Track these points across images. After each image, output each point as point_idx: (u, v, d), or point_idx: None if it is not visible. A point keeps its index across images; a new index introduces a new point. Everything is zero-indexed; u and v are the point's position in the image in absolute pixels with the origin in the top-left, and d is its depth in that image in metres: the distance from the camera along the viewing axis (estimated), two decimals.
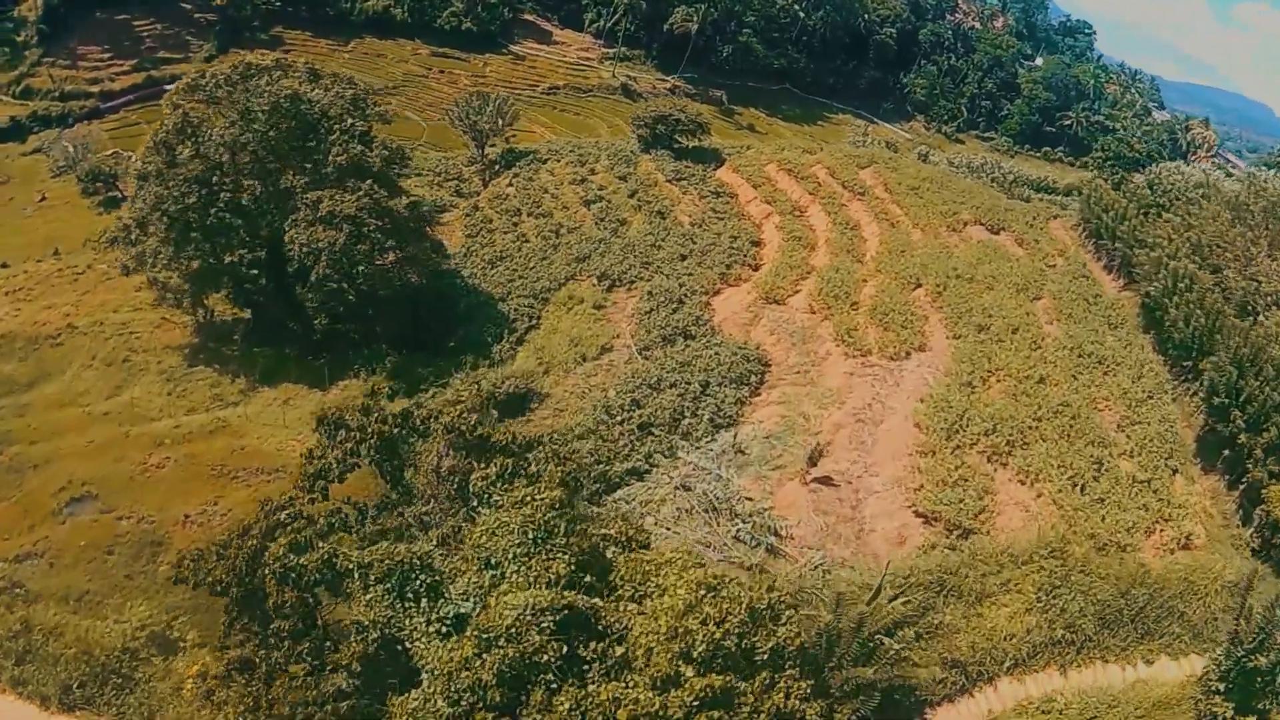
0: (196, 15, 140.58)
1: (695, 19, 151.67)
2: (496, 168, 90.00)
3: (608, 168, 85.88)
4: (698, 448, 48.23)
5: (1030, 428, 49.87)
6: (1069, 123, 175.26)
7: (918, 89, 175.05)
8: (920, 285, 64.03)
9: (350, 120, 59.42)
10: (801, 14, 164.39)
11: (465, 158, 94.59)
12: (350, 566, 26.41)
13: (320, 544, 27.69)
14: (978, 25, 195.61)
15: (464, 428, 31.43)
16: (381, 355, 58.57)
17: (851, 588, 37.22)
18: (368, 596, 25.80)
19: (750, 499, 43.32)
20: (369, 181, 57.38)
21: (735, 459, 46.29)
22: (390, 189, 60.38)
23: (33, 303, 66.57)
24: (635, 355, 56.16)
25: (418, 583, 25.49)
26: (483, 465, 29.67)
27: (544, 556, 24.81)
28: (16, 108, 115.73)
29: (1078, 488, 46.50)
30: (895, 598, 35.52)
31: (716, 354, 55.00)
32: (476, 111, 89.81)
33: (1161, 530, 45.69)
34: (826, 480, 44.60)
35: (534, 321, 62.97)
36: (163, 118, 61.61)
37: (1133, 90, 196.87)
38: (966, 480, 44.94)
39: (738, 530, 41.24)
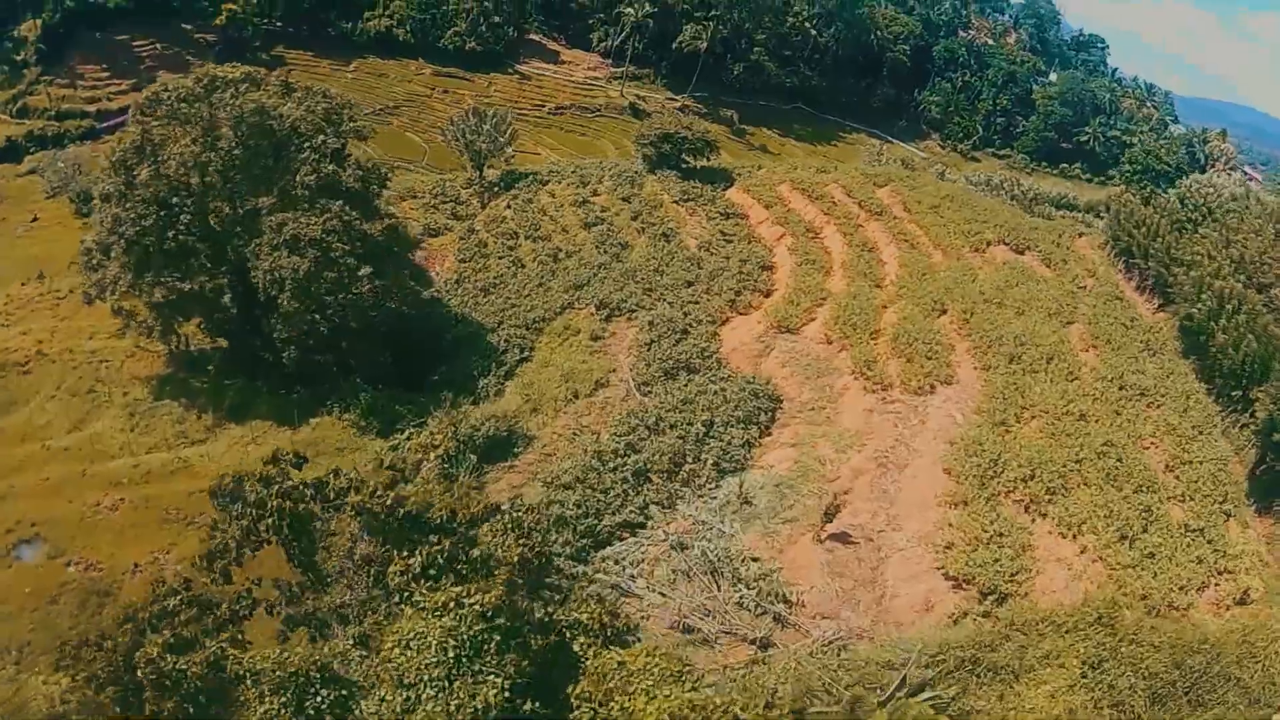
0: (197, 35, 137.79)
1: (704, 37, 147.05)
2: (495, 189, 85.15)
3: (611, 189, 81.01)
4: (700, 496, 43.07)
5: (1071, 472, 44.61)
6: (1086, 138, 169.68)
7: (932, 106, 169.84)
8: (944, 311, 58.96)
9: (322, 137, 54.51)
10: (814, 31, 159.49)
11: (463, 179, 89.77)
12: (241, 672, 21.10)
13: (208, 641, 22.33)
14: (990, 41, 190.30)
15: (378, 509, 25.88)
16: (356, 390, 53.48)
17: (871, 666, 32.02)
18: (261, 710, 20.53)
19: (756, 559, 38.02)
20: (339, 203, 52.34)
21: (741, 511, 41.04)
22: (366, 211, 55.39)
23: (9, 328, 63.02)
24: (633, 391, 51.00)
25: (319, 698, 20.30)
26: (405, 554, 24.14)
27: (470, 680, 19.57)
28: (13, 127, 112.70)
29: (1125, 540, 41.29)
30: (921, 688, 30.13)
31: (723, 390, 49.90)
32: (473, 130, 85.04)
33: (1217, 585, 40.84)
34: (844, 537, 39.25)
35: (526, 354, 57.89)
36: (121, 134, 57.07)
37: (1149, 104, 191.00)
38: (1003, 536, 39.64)
39: (741, 596, 35.93)
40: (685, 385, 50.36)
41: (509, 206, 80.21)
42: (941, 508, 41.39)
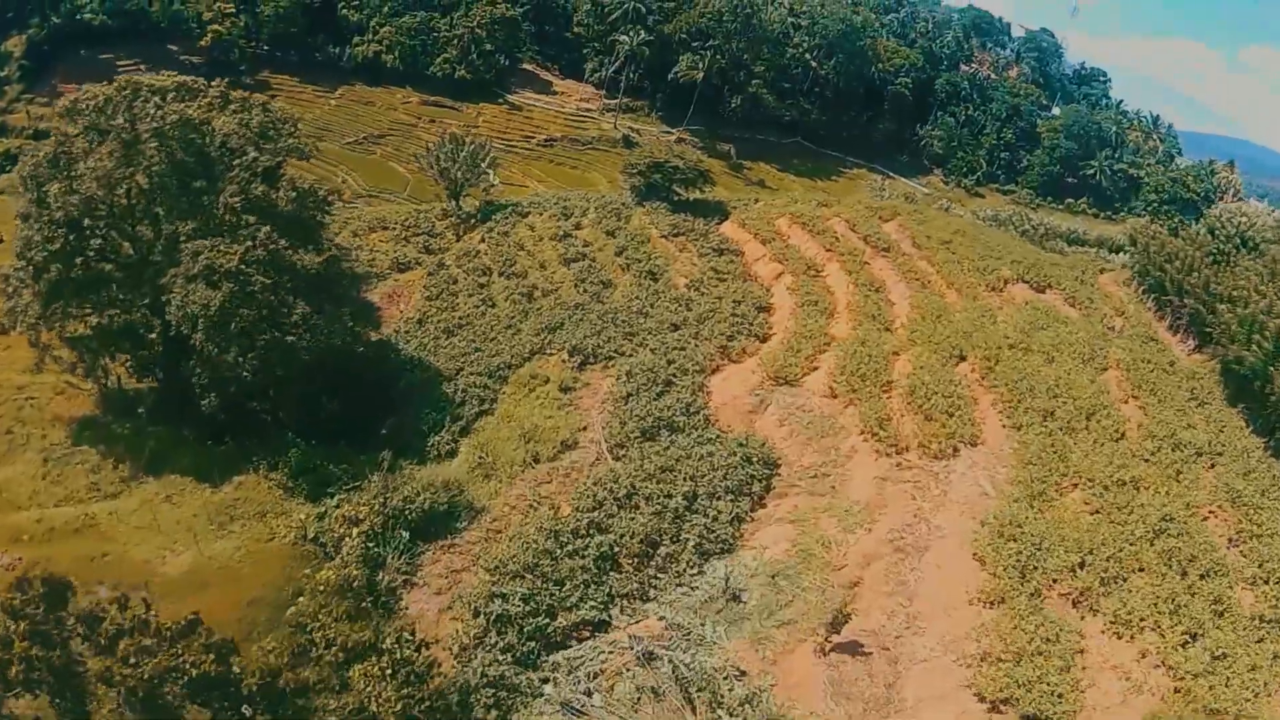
0: (183, 57, 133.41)
1: (701, 67, 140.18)
2: (472, 221, 77.87)
3: (595, 221, 73.71)
4: (678, 584, 35.28)
5: (1126, 555, 36.75)
6: (1092, 172, 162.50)
7: (935, 141, 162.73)
8: (964, 358, 51.36)
9: (253, 154, 47.07)
10: (814, 63, 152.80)
11: (438, 210, 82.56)
12: None
13: None
14: (993, 75, 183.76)
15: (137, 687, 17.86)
16: (286, 445, 45.83)
17: None
18: None
19: (743, 674, 30.14)
20: (266, 229, 44.70)
21: (726, 609, 33.19)
22: (305, 240, 47.91)
23: None
24: (604, 455, 43.28)
25: None
26: None
27: None
28: None
29: (1191, 639, 33.52)
30: None
31: (710, 453, 42.22)
32: (449, 157, 77.87)
33: None
34: (853, 647, 31.37)
35: (486, 406, 50.26)
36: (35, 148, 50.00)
37: (1155, 136, 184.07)
38: (1049, 643, 31.76)
39: None
40: (666, 448, 42.66)
41: (483, 240, 72.94)
42: (973, 606, 33.59)
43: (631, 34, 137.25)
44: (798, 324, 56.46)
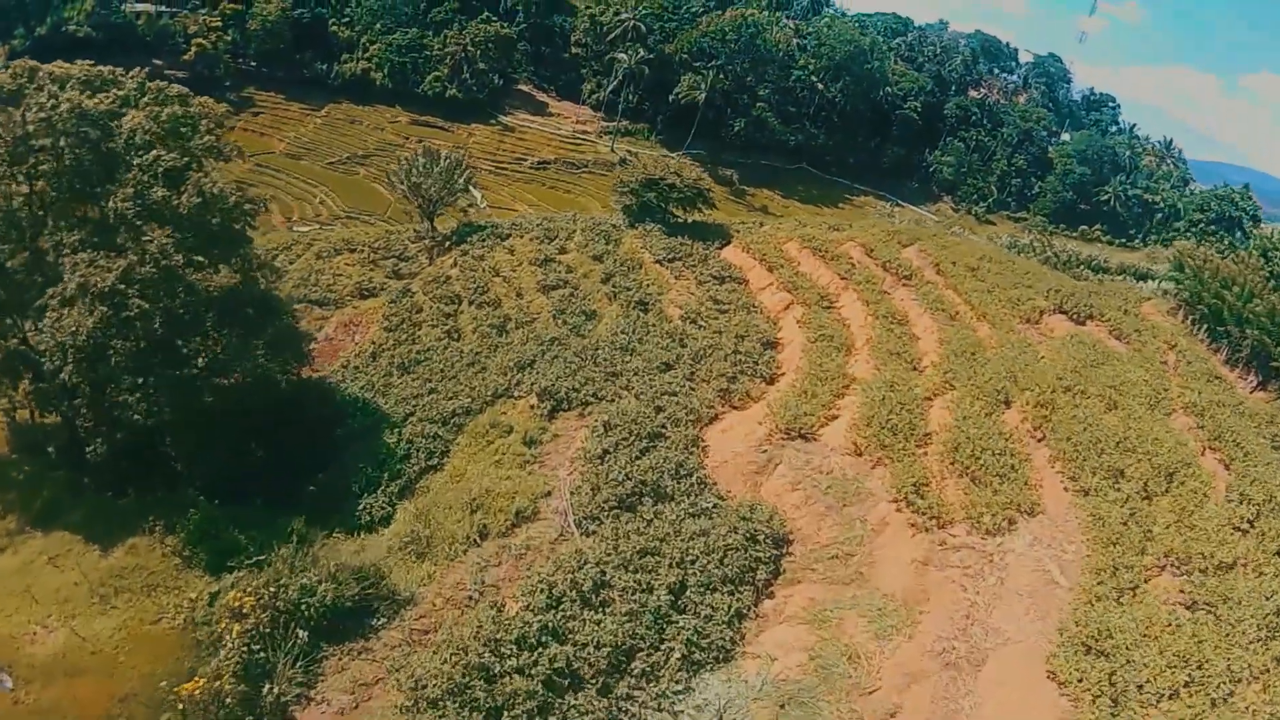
0: (168, 71, 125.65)
1: (703, 87, 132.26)
2: (447, 244, 69.26)
3: (581, 245, 65.01)
4: (658, 708, 26.29)
5: (1238, 665, 27.66)
6: (1106, 198, 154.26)
7: (944, 167, 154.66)
8: (1008, 403, 42.45)
9: (157, 152, 38.37)
10: (820, 85, 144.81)
11: (411, 231, 74.05)
12: None
13: None
14: (1002, 100, 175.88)
15: None
16: (188, 502, 37.03)
17: None
18: None
19: None
20: (159, 241, 35.81)
21: None
22: (222, 254, 39.25)
23: None
24: (570, 530, 34.21)
25: None
26: None
27: None
28: None
29: None
30: None
31: (704, 530, 33.16)
32: (421, 172, 69.39)
33: None
34: None
35: (436, 460, 41.33)
36: None
37: (1168, 161, 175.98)
38: None
39: None
40: (649, 523, 33.53)
41: (455, 264, 64.26)
42: None
43: (630, 52, 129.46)
44: (811, 363, 47.63)
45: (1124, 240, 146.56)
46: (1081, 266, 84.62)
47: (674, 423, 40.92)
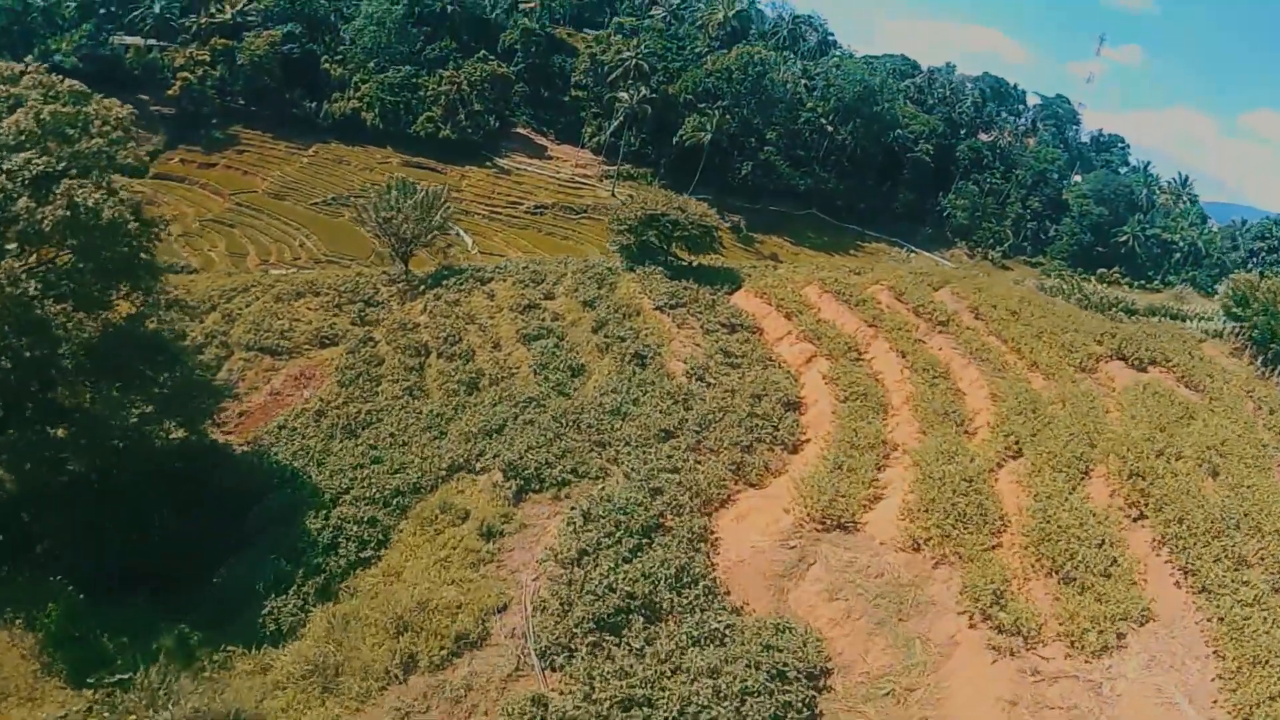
0: (154, 107, 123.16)
1: (709, 129, 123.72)
2: (421, 288, 60.11)
3: (571, 289, 55.84)
4: None
5: None
6: (1124, 239, 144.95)
7: (958, 211, 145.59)
8: (1088, 472, 32.98)
9: (28, 154, 29.12)
10: (829, 127, 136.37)
11: (384, 274, 64.92)
12: None
13: None
14: (1013, 142, 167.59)
15: None
16: (52, 594, 27.66)
17: None
18: None
19: None
20: (11, 261, 26.50)
21: None
22: (126, 281, 30.03)
23: None
24: (531, 663, 24.44)
25: None
26: None
27: None
28: None
29: None
30: None
31: (715, 665, 23.59)
32: (392, 206, 60.37)
33: None
34: None
35: (371, 551, 31.65)
36: None
37: (1184, 198, 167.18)
38: None
39: None
40: (639, 655, 23.95)
41: (426, 310, 55.08)
42: None
43: (632, 91, 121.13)
44: (843, 427, 38.22)
45: (1142, 282, 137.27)
46: (1114, 309, 76.11)
47: (675, 509, 31.32)
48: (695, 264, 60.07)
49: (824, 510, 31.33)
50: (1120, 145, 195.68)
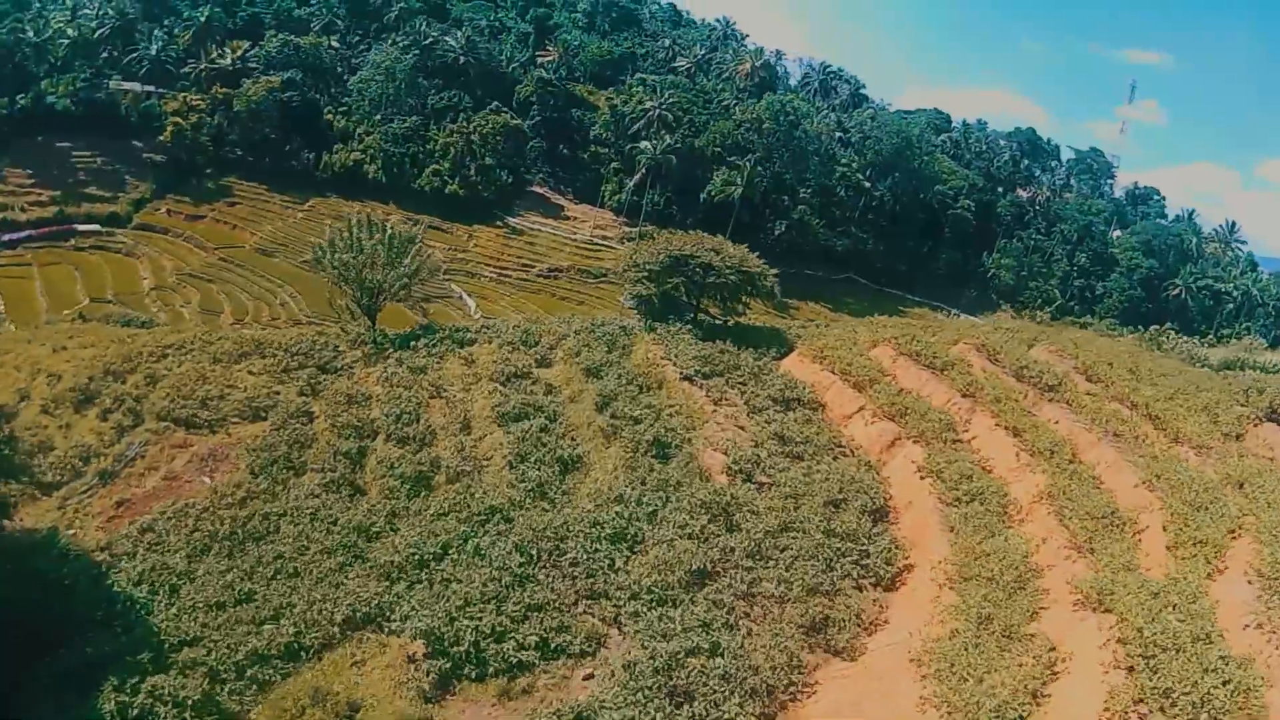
0: (145, 154, 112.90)
1: (739, 183, 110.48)
2: (388, 349, 46.29)
3: (572, 353, 41.95)
4: None
5: None
6: (1176, 291, 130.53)
7: (1003, 271, 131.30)
8: None
9: None
10: (866, 183, 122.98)
11: (352, 333, 51.30)
12: None
13: None
14: (1051, 197, 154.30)
15: None
16: None
17: None
18: None
19: None
20: None
21: None
22: None
23: None
24: None
25: None
26: None
27: None
28: None
29: None
30: None
31: None
32: (353, 250, 46.93)
33: None
34: None
35: None
36: None
37: (1233, 246, 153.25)
38: None
39: None
40: None
41: (384, 378, 41.20)
42: None
43: (655, 140, 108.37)
44: (963, 548, 24.60)
45: (1196, 336, 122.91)
46: (1198, 364, 62.90)
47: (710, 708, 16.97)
48: (731, 323, 46.25)
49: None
50: (1156, 197, 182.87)
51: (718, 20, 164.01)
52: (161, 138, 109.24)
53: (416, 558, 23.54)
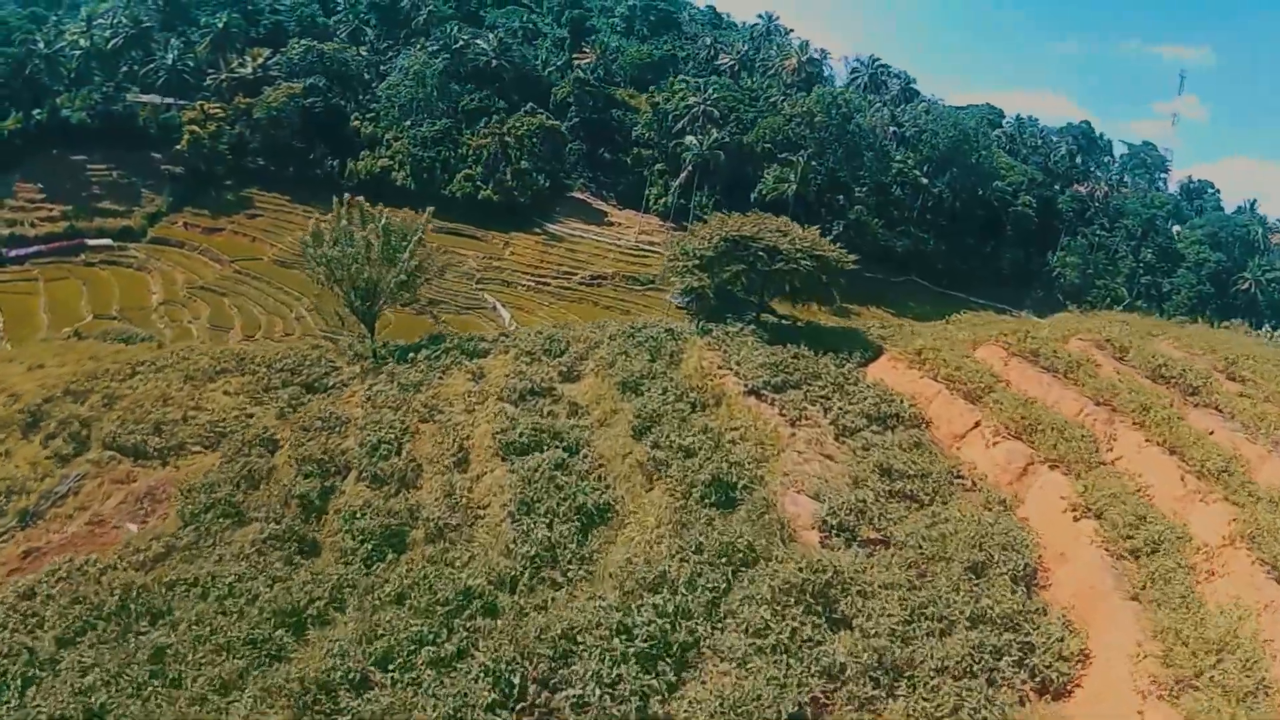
0: (163, 167, 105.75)
1: (793, 179, 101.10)
2: (388, 363, 37.83)
3: (605, 364, 33.01)
4: None
5: None
6: (1245, 285, 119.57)
7: (1069, 270, 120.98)
8: None
9: None
10: (924, 179, 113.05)
11: (348, 346, 43.10)
12: None
13: None
14: (1109, 192, 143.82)
15: None
16: None
17: None
18: None
19: None
20: None
21: None
22: None
23: None
24: None
25: None
26: None
27: None
28: None
29: None
30: None
31: None
32: (342, 246, 38.60)
33: None
34: None
35: None
36: None
37: None
38: None
39: None
40: None
41: (370, 398, 32.62)
42: None
43: (701, 136, 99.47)
44: (1158, 628, 15.20)
45: (1267, 331, 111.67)
46: None
47: None
48: (802, 323, 37.03)
49: None
50: (1211, 190, 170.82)
51: (760, 16, 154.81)
52: (178, 147, 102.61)
53: (346, 675, 14.63)
